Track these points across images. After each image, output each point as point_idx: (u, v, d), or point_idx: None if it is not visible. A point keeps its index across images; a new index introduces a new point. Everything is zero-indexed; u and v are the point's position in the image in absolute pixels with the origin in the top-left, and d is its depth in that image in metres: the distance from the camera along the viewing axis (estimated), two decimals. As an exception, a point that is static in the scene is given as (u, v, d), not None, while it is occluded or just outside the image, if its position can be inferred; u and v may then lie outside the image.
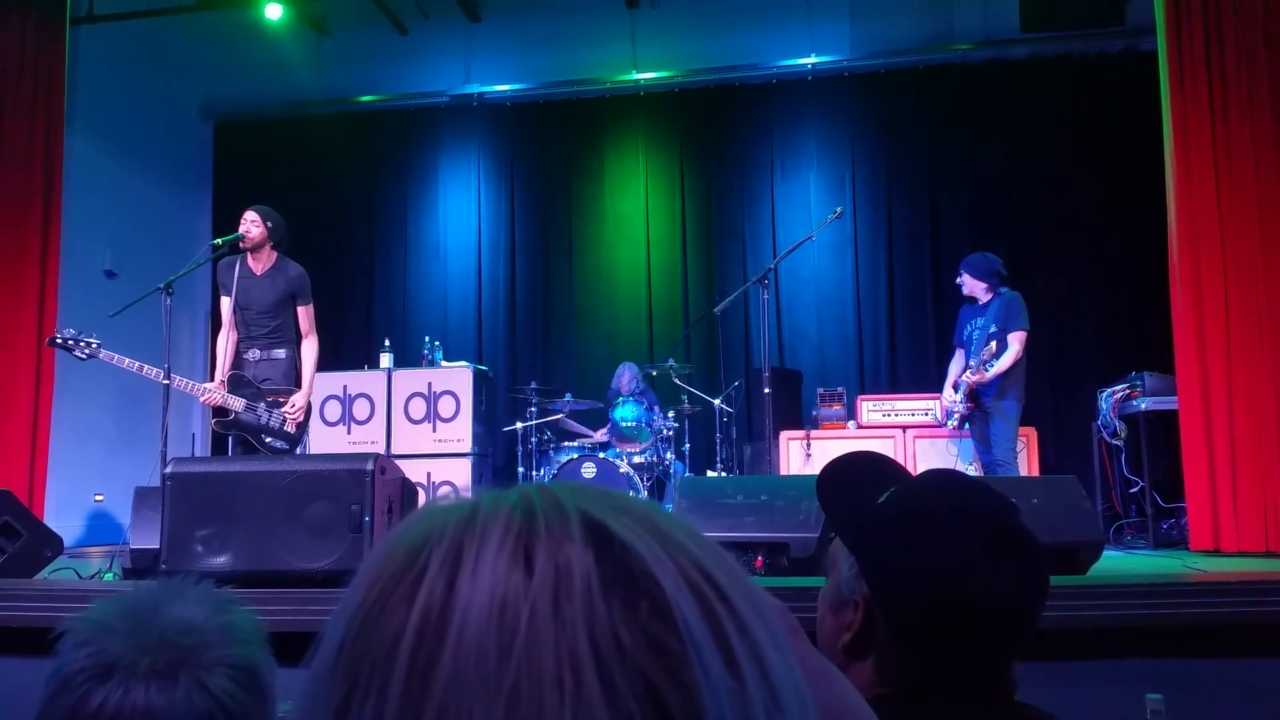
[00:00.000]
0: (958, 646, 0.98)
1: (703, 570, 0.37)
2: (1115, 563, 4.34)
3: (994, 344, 5.03)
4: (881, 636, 1.00)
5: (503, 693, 0.32)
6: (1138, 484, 5.68)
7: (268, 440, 4.51)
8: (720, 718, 0.33)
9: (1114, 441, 5.84)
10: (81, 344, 4.39)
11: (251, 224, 4.59)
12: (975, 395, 5.18)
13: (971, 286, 5.31)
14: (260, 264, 4.63)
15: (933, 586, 0.97)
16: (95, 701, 0.89)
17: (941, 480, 1.09)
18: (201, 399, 4.58)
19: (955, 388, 5.33)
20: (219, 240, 4.60)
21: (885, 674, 1.01)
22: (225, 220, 5.53)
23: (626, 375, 6.76)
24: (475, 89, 8.04)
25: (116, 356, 4.35)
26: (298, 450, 4.73)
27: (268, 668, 0.97)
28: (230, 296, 4.59)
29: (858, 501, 1.06)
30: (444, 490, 6.32)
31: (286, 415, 4.53)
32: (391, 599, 0.36)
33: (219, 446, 4.80)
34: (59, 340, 4.43)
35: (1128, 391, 5.76)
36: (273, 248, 4.65)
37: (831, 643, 1.05)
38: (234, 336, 4.64)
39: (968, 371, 5.20)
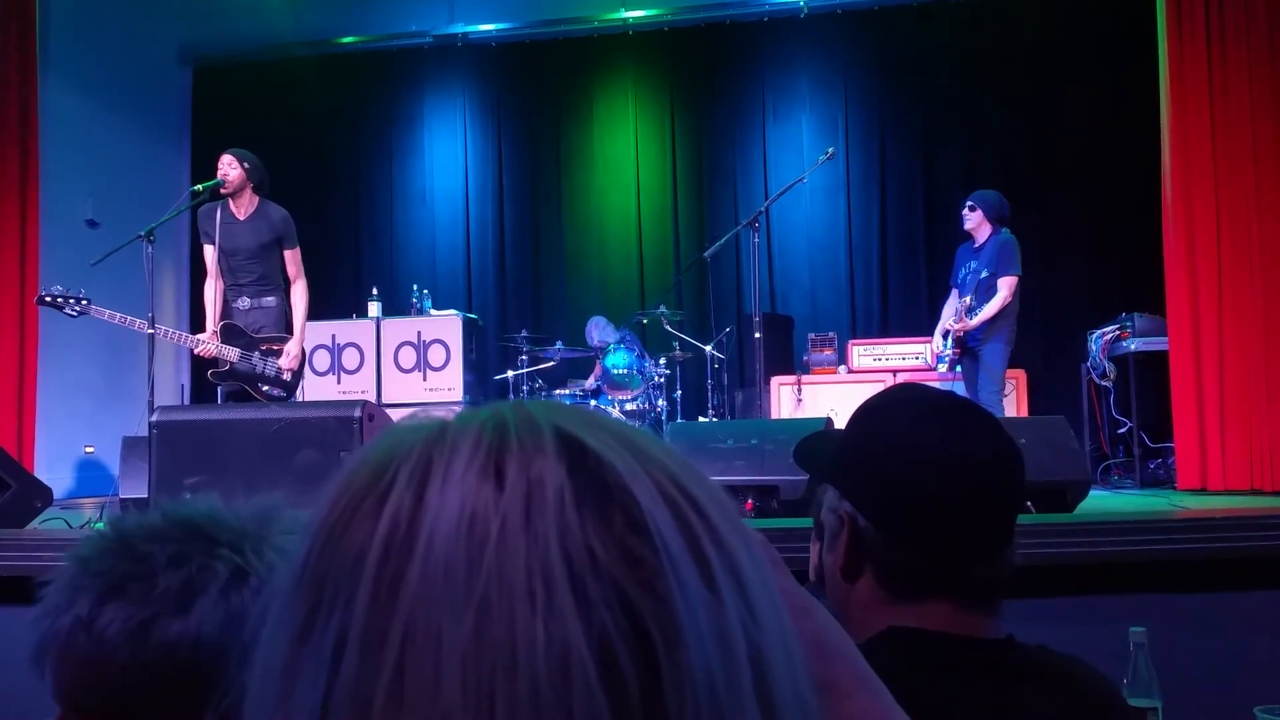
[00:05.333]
0: (937, 523, 0.98)
1: (679, 485, 0.36)
2: (1102, 502, 4.38)
3: (969, 298, 5.03)
4: (871, 544, 1.01)
5: (471, 605, 0.31)
6: (1126, 425, 5.72)
7: (264, 389, 4.50)
8: (695, 629, 0.32)
9: (1103, 383, 5.86)
10: (71, 301, 4.33)
11: (229, 166, 4.52)
12: (962, 341, 5.17)
13: (978, 222, 5.22)
14: (242, 208, 4.58)
15: (895, 464, 1.00)
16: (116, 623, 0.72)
17: (892, 388, 1.18)
18: (196, 350, 4.55)
19: (945, 335, 5.30)
20: (199, 186, 4.53)
21: (883, 581, 1.01)
22: (206, 167, 5.41)
23: (595, 332, 6.66)
24: (459, 29, 7.87)
25: (107, 312, 4.30)
26: (294, 397, 4.73)
27: None
28: (213, 244, 4.54)
29: (825, 446, 1.12)
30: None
31: (281, 364, 4.52)
32: (358, 513, 0.35)
33: (208, 397, 4.79)
34: (47, 299, 4.35)
35: (1118, 332, 5.77)
36: (254, 190, 4.59)
37: (834, 577, 1.05)
38: (220, 284, 4.59)
39: (951, 318, 5.19)
